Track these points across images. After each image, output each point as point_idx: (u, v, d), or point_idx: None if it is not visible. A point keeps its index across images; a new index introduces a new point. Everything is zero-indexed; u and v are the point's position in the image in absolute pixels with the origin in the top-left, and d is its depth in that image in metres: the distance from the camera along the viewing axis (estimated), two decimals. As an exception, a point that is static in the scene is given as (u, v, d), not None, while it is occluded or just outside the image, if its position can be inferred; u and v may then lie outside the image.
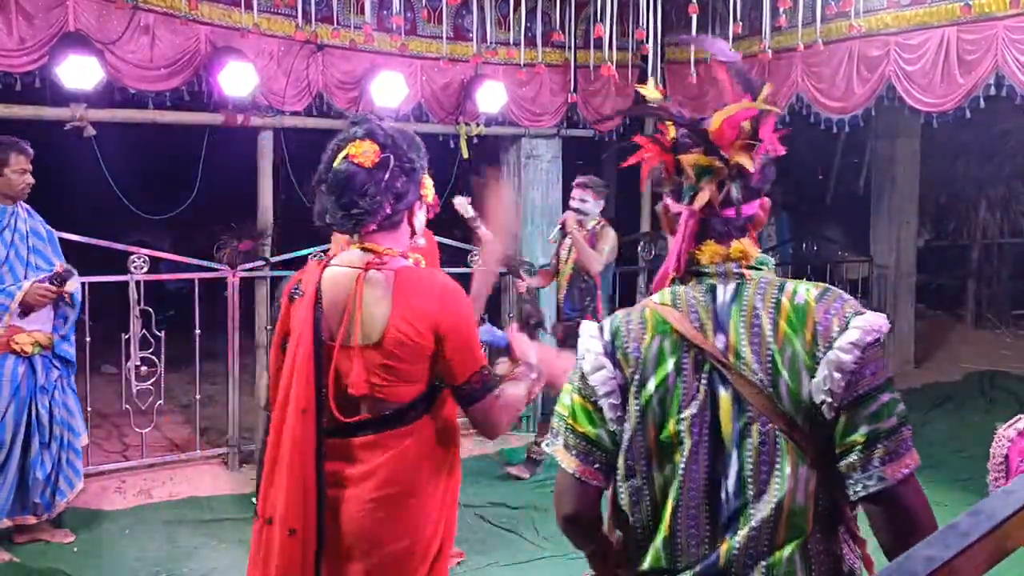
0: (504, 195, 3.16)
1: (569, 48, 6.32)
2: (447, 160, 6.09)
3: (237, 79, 5.00)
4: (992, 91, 4.91)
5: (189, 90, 5.18)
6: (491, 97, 5.92)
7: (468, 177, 6.29)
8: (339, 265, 2.14)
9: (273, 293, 5.51)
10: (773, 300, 1.47)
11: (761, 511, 1.42)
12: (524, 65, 6.12)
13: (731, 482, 1.45)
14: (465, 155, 6.05)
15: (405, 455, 2.09)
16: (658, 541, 1.50)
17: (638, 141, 1.63)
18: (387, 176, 2.06)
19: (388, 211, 2.08)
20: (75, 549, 4.21)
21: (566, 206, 6.64)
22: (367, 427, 2.09)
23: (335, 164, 2.12)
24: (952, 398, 6.65)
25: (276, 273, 5.53)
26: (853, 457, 1.39)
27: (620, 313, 1.59)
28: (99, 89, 4.77)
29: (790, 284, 1.50)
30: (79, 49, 4.60)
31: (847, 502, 1.45)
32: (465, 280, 6.85)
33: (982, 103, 5.01)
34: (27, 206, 4.20)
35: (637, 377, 1.50)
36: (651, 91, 1.70)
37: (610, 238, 5.29)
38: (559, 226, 5.30)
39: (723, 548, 1.44)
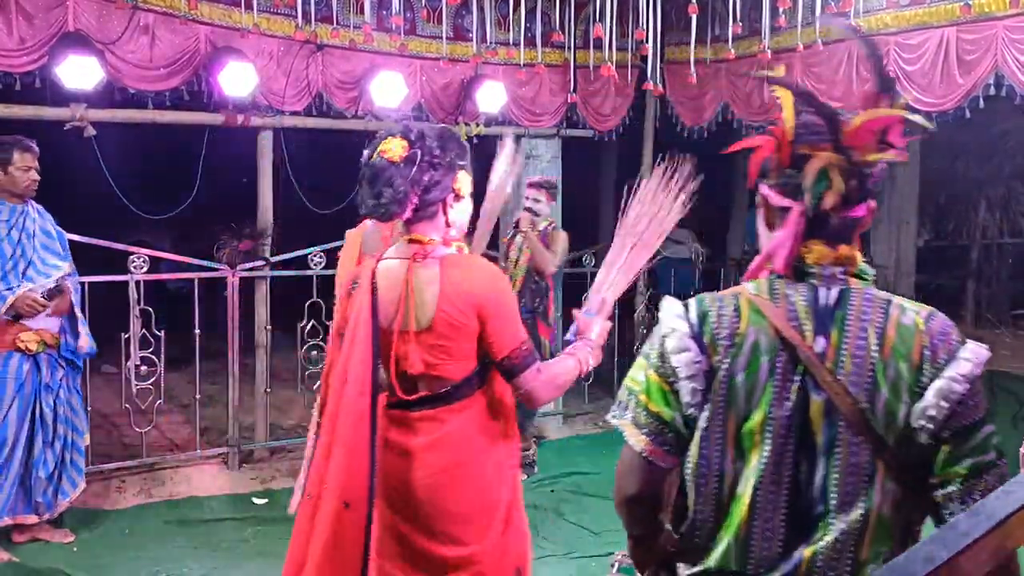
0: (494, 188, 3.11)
1: (569, 48, 6.31)
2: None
3: (237, 79, 5.00)
4: (992, 91, 4.91)
5: (189, 90, 5.18)
6: (491, 97, 5.92)
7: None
8: (391, 257, 2.36)
9: (273, 293, 5.53)
10: (880, 314, 1.45)
11: (846, 521, 1.41)
12: (524, 65, 6.12)
13: (815, 488, 1.42)
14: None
15: (462, 428, 2.30)
16: (726, 539, 1.47)
17: (746, 144, 1.58)
18: (414, 170, 2.25)
19: (416, 202, 2.27)
20: (75, 549, 4.21)
21: (566, 206, 6.65)
22: (425, 403, 2.31)
23: (371, 159, 2.31)
24: (952, 398, 6.66)
25: (276, 273, 5.53)
26: (953, 488, 1.39)
27: (707, 296, 1.55)
28: (99, 89, 4.77)
29: (896, 300, 1.48)
30: (79, 49, 4.60)
31: (921, 520, 1.46)
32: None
33: (981, 103, 5.01)
34: (38, 206, 4.21)
35: (725, 366, 1.46)
36: (779, 71, 1.63)
37: (561, 240, 5.34)
38: (514, 226, 5.33)
39: (806, 554, 1.42)
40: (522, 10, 6.08)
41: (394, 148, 2.27)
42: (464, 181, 2.38)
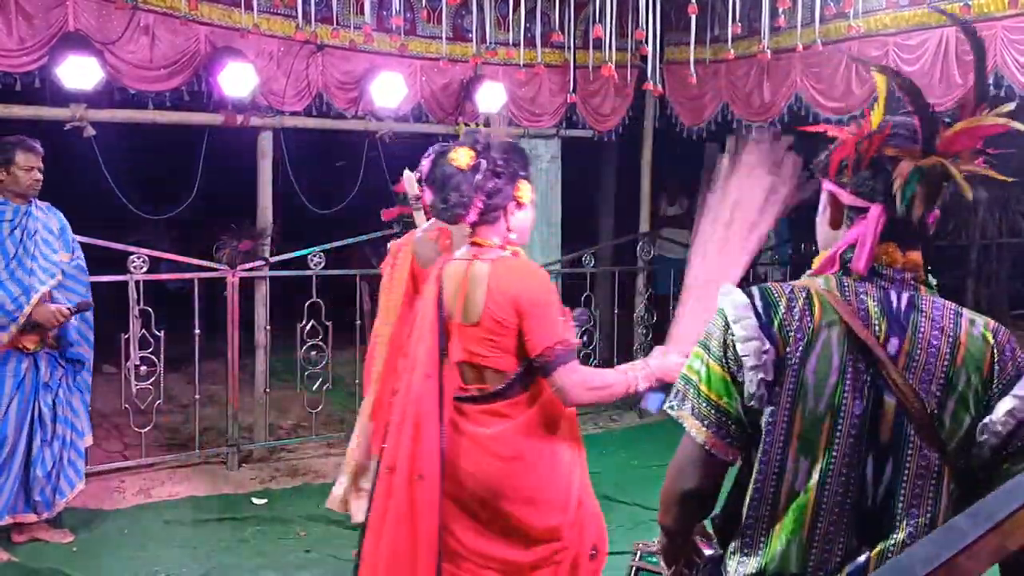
0: None
1: (568, 48, 6.31)
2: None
3: (237, 79, 5.01)
4: (991, 91, 4.91)
5: (189, 90, 5.18)
6: (490, 97, 5.92)
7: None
8: (457, 259, 2.65)
9: (272, 293, 5.53)
10: (952, 323, 1.44)
11: (913, 524, 1.40)
12: (523, 65, 6.11)
13: (882, 490, 1.41)
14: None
15: (526, 422, 2.51)
16: (785, 539, 1.44)
17: (829, 131, 1.54)
18: (479, 177, 2.52)
19: (480, 207, 2.54)
20: (74, 549, 4.21)
21: (565, 206, 6.66)
22: (486, 398, 2.54)
23: (436, 167, 2.61)
24: (951, 398, 6.66)
25: (275, 273, 5.53)
26: None
27: (773, 286, 1.50)
28: (99, 89, 4.77)
29: (966, 312, 1.47)
30: (79, 49, 4.60)
31: None
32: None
33: (981, 103, 5.01)
34: (45, 204, 4.20)
35: (795, 360, 1.43)
36: (884, 73, 1.55)
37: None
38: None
39: (873, 556, 1.40)
40: (522, 10, 6.08)
41: (462, 156, 2.53)
42: (525, 190, 2.62)
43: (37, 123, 4.94)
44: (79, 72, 4.63)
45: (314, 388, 5.64)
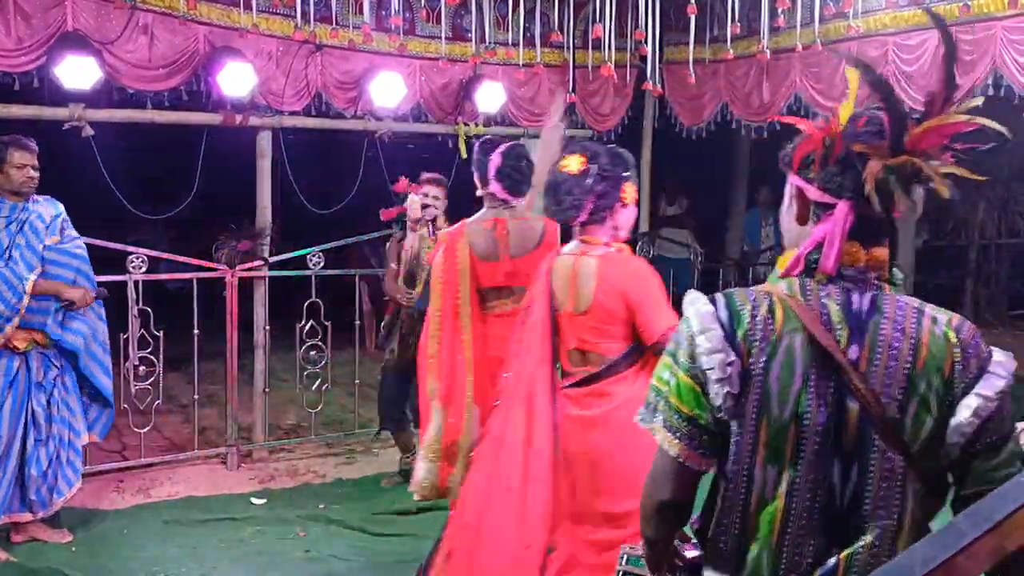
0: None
1: (568, 48, 6.31)
2: (445, 160, 6.09)
3: (236, 79, 5.00)
4: (990, 91, 4.91)
5: (188, 90, 5.18)
6: (490, 97, 5.92)
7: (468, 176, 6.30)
8: (565, 254, 2.95)
9: (271, 293, 5.52)
10: (913, 323, 1.43)
11: (880, 526, 1.41)
12: (523, 65, 6.12)
13: (849, 495, 1.42)
14: (464, 155, 6.05)
15: (629, 401, 2.67)
16: (756, 547, 1.45)
17: (797, 123, 1.52)
18: (589, 181, 2.82)
19: (591, 207, 2.83)
20: (73, 549, 4.20)
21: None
22: (591, 380, 2.84)
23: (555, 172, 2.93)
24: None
25: (274, 273, 5.53)
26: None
27: (736, 293, 1.49)
28: (97, 89, 4.77)
29: (928, 309, 1.46)
30: (77, 49, 4.60)
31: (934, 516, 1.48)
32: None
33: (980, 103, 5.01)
34: (43, 198, 4.16)
35: (759, 370, 1.43)
36: (854, 72, 1.54)
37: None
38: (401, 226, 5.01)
39: (842, 558, 1.41)
40: (521, 10, 6.08)
41: (573, 163, 2.86)
42: (629, 191, 2.91)
43: (36, 123, 4.93)
44: (78, 72, 4.62)
45: (313, 388, 5.64)
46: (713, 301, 1.49)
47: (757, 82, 6.13)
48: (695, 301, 1.51)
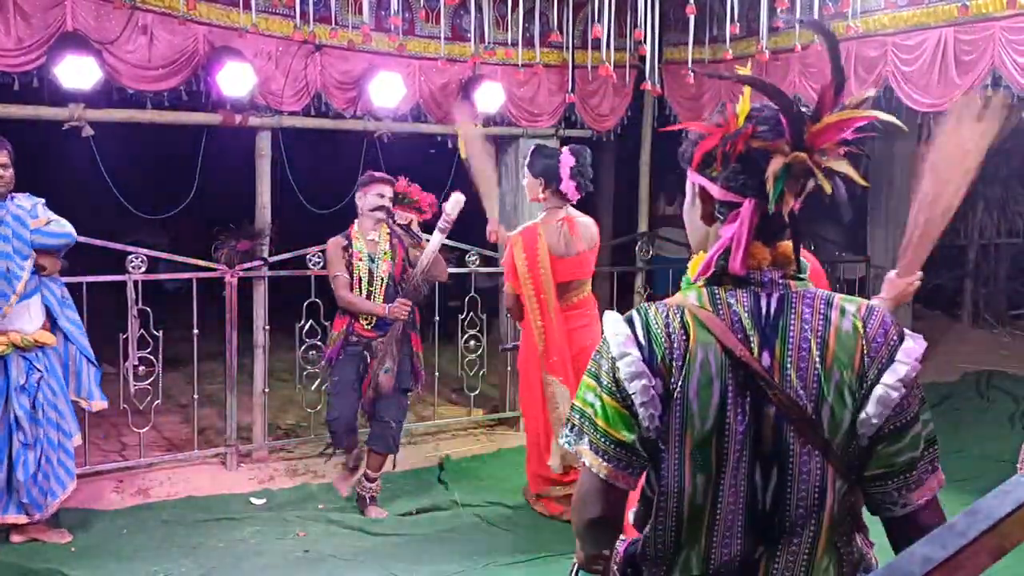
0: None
1: (567, 48, 6.32)
2: (445, 161, 6.09)
3: (235, 79, 5.00)
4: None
5: (187, 90, 5.18)
6: (489, 97, 5.92)
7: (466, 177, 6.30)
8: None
9: (271, 293, 5.52)
10: (821, 321, 1.44)
11: (802, 525, 1.44)
12: (522, 65, 6.12)
13: (771, 496, 1.44)
14: (463, 155, 6.04)
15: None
16: (686, 550, 1.48)
17: (694, 126, 1.53)
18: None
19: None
20: (72, 549, 4.21)
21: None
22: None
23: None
24: (949, 398, 6.66)
25: (274, 273, 5.53)
26: (885, 484, 1.44)
27: (651, 310, 1.48)
28: (97, 89, 4.77)
29: (836, 302, 1.46)
30: (77, 49, 4.60)
31: (861, 503, 1.50)
32: (459, 279, 6.74)
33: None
34: (22, 196, 4.13)
35: (679, 388, 1.43)
36: (745, 71, 1.56)
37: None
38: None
39: (766, 557, 1.45)
40: (520, 10, 6.08)
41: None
42: None
43: (35, 123, 4.94)
44: (77, 72, 4.62)
45: (313, 388, 5.64)
46: (630, 322, 1.48)
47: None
48: (613, 322, 1.50)
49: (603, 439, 1.48)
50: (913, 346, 1.44)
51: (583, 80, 6.46)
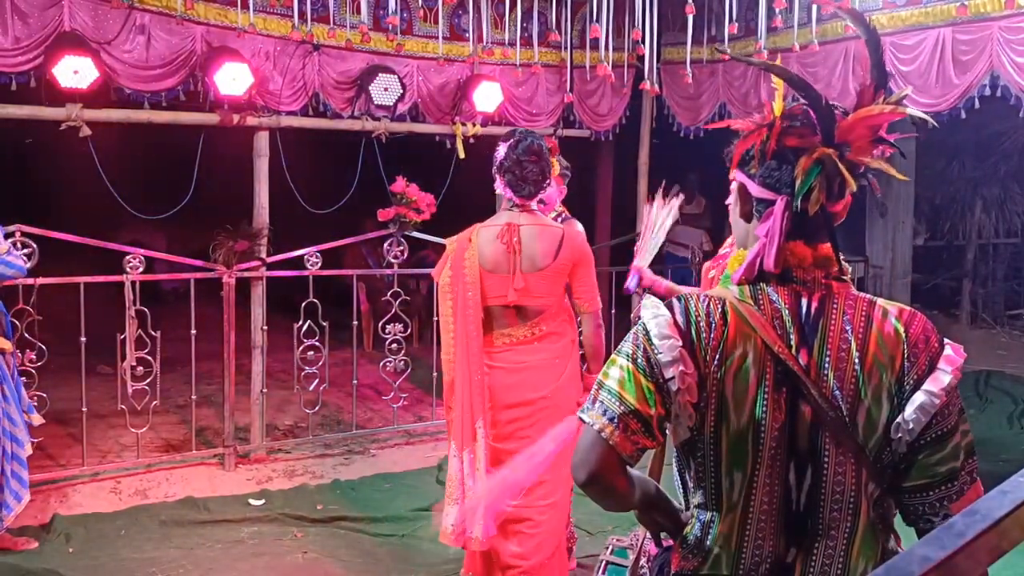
0: None
1: (565, 48, 6.32)
2: (443, 161, 6.09)
3: (233, 79, 4.99)
4: (987, 91, 4.92)
5: (185, 90, 5.17)
6: (487, 97, 5.92)
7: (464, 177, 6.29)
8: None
9: (269, 294, 5.51)
10: (862, 322, 1.43)
11: (836, 527, 1.43)
12: (520, 65, 6.11)
13: (805, 496, 1.43)
14: (461, 155, 6.04)
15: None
16: (718, 546, 1.47)
17: (737, 124, 1.52)
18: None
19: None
20: (70, 550, 4.20)
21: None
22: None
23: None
24: (948, 398, 6.67)
25: (272, 273, 5.52)
26: (925, 495, 1.43)
27: (693, 301, 1.47)
28: (95, 89, 4.76)
29: (879, 304, 1.46)
30: (75, 49, 4.59)
31: (893, 510, 1.49)
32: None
33: (977, 104, 5.02)
34: None
35: (716, 378, 1.42)
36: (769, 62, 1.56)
37: None
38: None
39: (799, 559, 1.44)
40: (519, 10, 6.07)
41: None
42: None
43: (33, 123, 4.93)
44: (75, 72, 4.61)
45: (311, 388, 5.63)
46: (670, 307, 1.46)
47: (755, 82, 6.13)
48: (654, 306, 1.48)
49: (617, 402, 1.42)
50: (954, 356, 1.44)
51: (581, 80, 6.46)
